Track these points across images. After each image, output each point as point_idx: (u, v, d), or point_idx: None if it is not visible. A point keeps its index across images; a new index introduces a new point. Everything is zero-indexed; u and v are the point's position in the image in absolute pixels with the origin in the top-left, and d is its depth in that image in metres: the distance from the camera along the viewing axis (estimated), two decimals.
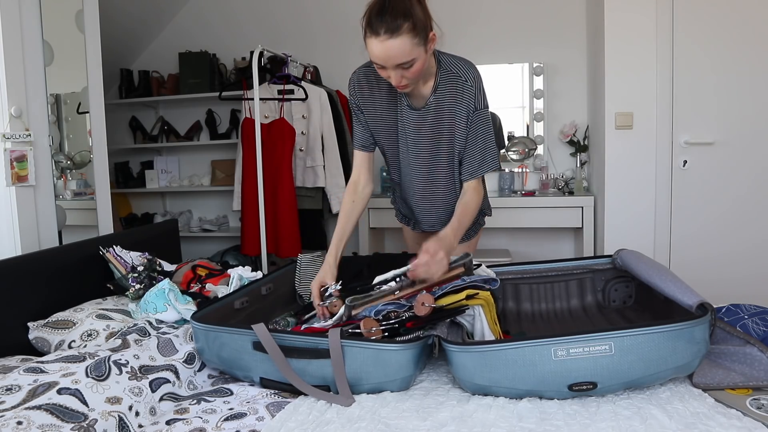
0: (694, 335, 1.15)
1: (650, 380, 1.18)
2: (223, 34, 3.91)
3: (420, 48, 1.44)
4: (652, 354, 1.14)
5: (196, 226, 3.92)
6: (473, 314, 1.43)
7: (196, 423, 1.14)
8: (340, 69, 3.70)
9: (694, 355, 1.16)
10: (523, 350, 1.17)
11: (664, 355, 1.14)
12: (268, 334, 1.29)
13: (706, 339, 1.18)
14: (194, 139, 3.98)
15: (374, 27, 1.40)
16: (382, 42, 1.40)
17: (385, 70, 1.48)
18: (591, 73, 3.41)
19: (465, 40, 3.55)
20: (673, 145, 2.98)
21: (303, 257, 2.04)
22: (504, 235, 3.66)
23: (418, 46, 1.43)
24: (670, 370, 1.16)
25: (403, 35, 1.39)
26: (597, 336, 1.14)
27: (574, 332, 1.16)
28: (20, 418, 1.05)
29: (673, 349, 1.14)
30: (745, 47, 2.87)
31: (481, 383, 1.22)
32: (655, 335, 1.14)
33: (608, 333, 1.15)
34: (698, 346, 1.16)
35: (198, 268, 1.98)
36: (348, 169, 3.41)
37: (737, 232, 2.96)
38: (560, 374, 1.16)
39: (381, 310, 1.37)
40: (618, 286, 1.78)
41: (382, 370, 1.24)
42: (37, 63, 2.09)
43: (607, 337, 1.14)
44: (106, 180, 2.47)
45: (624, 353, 1.14)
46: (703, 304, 1.22)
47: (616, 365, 1.14)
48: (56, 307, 1.73)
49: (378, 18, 1.39)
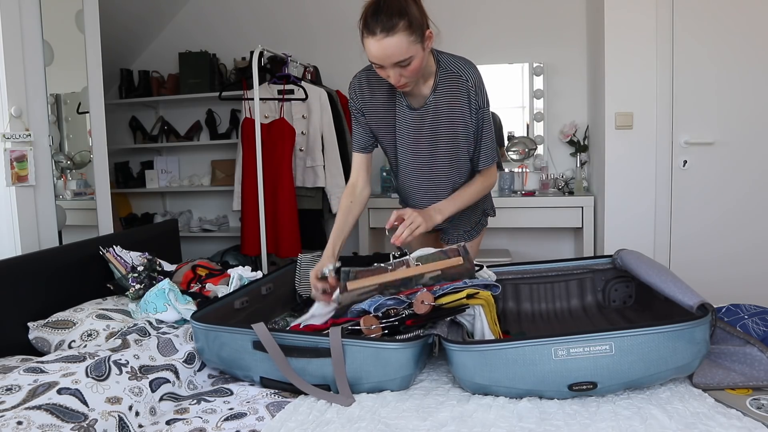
0: (694, 336, 1.15)
1: (650, 380, 1.18)
2: (223, 34, 3.91)
3: (417, 46, 1.45)
4: (652, 354, 1.14)
5: (196, 226, 3.93)
6: (473, 314, 1.43)
7: (196, 423, 1.14)
8: (340, 69, 3.70)
9: (695, 355, 1.16)
10: (523, 350, 1.17)
11: (664, 356, 1.14)
12: (268, 334, 1.29)
13: (706, 339, 1.17)
14: (194, 139, 3.98)
15: (370, 27, 1.42)
16: (378, 41, 1.41)
17: (384, 69, 1.49)
18: (591, 73, 3.41)
19: (465, 40, 3.55)
20: (673, 145, 2.98)
21: (303, 257, 2.04)
22: (504, 235, 3.66)
23: (414, 43, 1.44)
24: (670, 371, 1.16)
25: (399, 33, 1.41)
26: (597, 336, 1.14)
27: (575, 332, 1.16)
28: (20, 418, 1.05)
29: (673, 350, 1.14)
30: (745, 47, 2.87)
31: (481, 382, 1.22)
32: (656, 335, 1.13)
33: (608, 333, 1.15)
34: (698, 347, 1.16)
35: (198, 268, 1.98)
36: (348, 169, 3.41)
37: (737, 232, 2.96)
38: (560, 374, 1.15)
39: (381, 306, 1.37)
40: (618, 286, 1.78)
41: (382, 369, 1.24)
42: (37, 63, 2.09)
43: (608, 337, 1.14)
44: (106, 180, 2.47)
45: (624, 353, 1.14)
46: (704, 305, 1.22)
47: (617, 365, 1.14)
48: (56, 307, 1.73)
49: (374, 18, 1.41)
